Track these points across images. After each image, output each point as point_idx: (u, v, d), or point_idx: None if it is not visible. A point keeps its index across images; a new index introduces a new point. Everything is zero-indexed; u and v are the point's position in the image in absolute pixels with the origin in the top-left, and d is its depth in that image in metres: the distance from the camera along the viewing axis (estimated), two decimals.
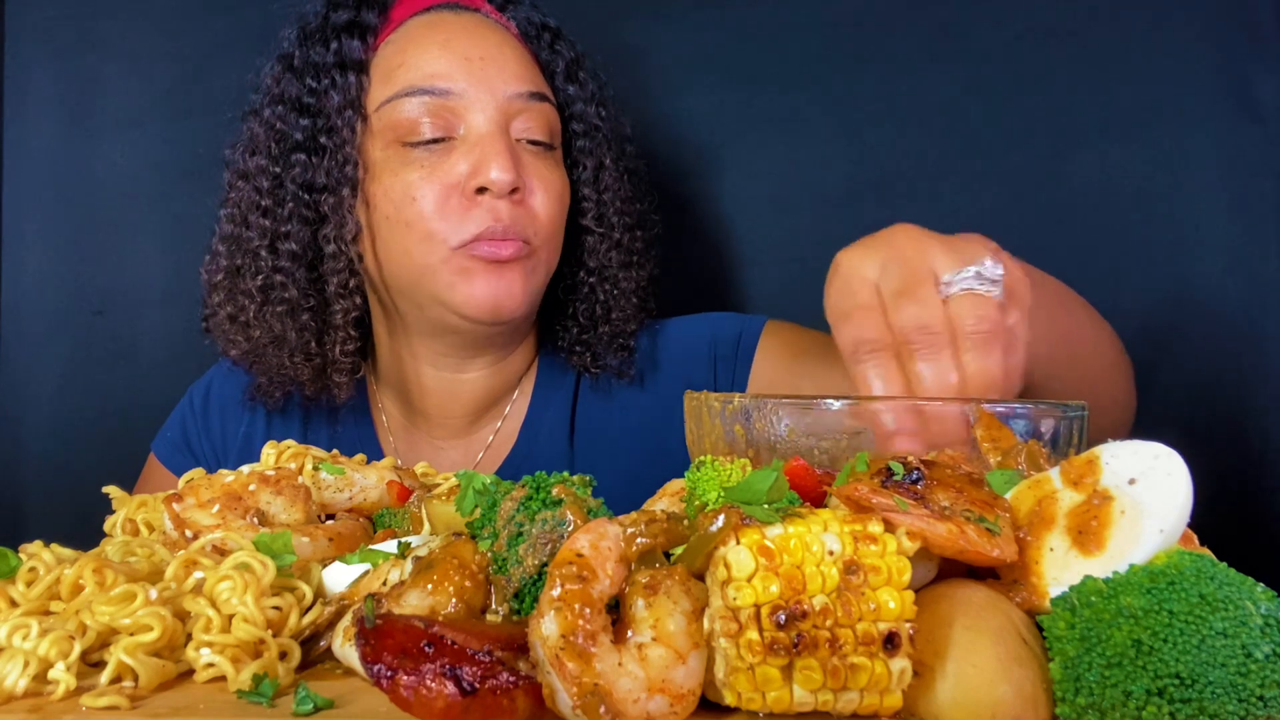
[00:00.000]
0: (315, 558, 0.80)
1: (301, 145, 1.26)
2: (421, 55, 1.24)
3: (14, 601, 0.70)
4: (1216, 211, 1.46)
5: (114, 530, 0.91)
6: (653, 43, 1.63)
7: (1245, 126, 1.45)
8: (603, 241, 1.35)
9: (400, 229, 1.23)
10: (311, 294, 1.28)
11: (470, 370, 1.35)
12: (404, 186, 1.22)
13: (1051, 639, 0.58)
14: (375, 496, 0.94)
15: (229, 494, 0.85)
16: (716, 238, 1.64)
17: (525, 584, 0.64)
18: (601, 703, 0.54)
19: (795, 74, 1.60)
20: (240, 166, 1.31)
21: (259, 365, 1.31)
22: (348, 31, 1.27)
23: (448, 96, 1.22)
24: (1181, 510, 0.61)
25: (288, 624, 0.70)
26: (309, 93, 1.27)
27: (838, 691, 0.56)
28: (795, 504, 0.62)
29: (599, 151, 1.35)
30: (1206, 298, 1.45)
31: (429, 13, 1.29)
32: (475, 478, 0.76)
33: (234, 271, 1.30)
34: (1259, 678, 0.53)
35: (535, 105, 1.27)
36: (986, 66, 1.54)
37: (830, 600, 0.56)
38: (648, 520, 0.61)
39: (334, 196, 1.24)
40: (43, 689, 0.64)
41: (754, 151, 1.63)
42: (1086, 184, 1.50)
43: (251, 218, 1.28)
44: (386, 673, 0.56)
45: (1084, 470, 0.65)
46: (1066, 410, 0.79)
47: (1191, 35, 1.46)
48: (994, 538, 0.62)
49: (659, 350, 1.42)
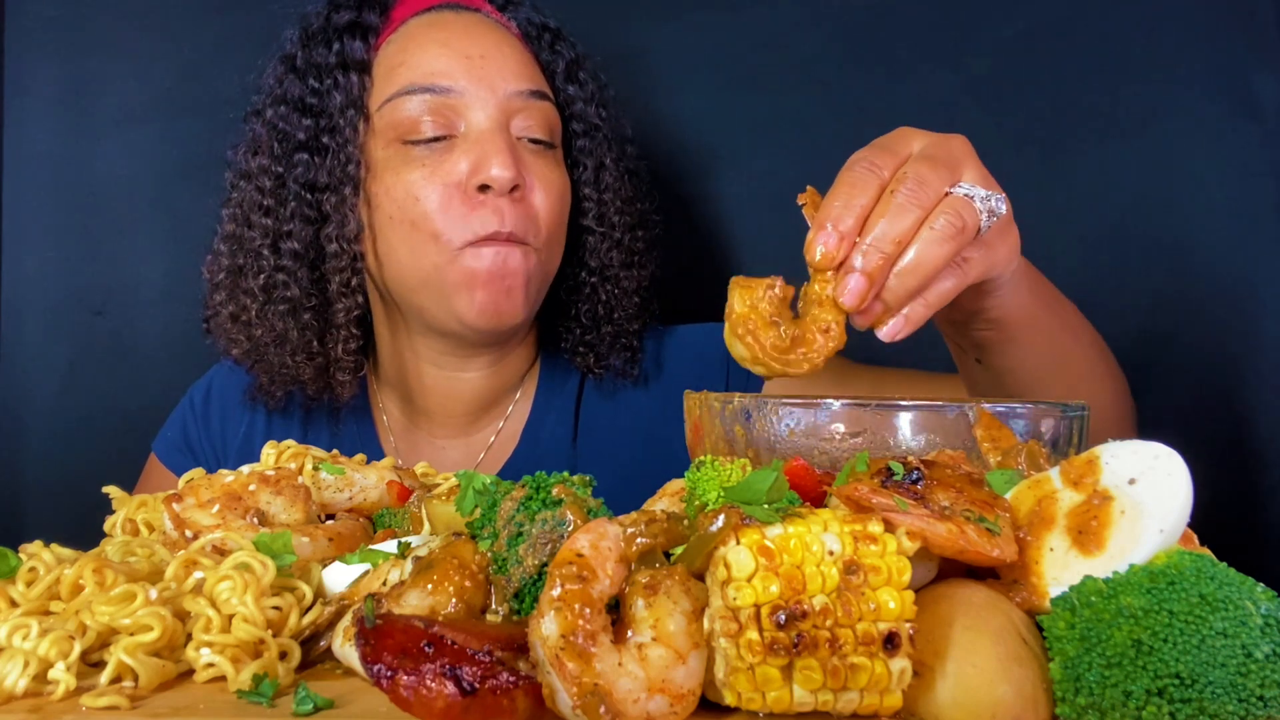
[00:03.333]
0: (315, 558, 0.80)
1: (304, 145, 1.26)
2: (422, 54, 1.25)
3: (14, 601, 0.70)
4: (1216, 211, 1.45)
5: (114, 530, 0.91)
6: (653, 43, 1.63)
7: (1245, 126, 1.44)
8: (604, 241, 1.35)
9: (405, 229, 1.23)
10: (313, 293, 1.28)
11: (471, 369, 1.35)
12: (406, 186, 1.22)
13: (1051, 639, 0.58)
14: (375, 496, 0.94)
15: (229, 494, 0.85)
16: (716, 238, 1.64)
17: (525, 584, 0.64)
18: (601, 703, 0.54)
19: (795, 74, 1.60)
20: (243, 166, 1.31)
21: (261, 364, 1.31)
22: (349, 32, 1.28)
23: (448, 94, 1.23)
24: (1181, 510, 0.61)
25: (288, 624, 0.70)
26: (311, 93, 1.27)
27: (838, 691, 0.56)
28: (795, 504, 0.62)
29: (599, 151, 1.35)
30: (1206, 298, 1.45)
31: (430, 12, 1.30)
32: (475, 478, 0.76)
33: (236, 271, 1.30)
34: (1259, 678, 0.53)
35: (535, 104, 1.27)
36: (986, 66, 1.54)
37: (830, 600, 0.56)
38: (648, 520, 0.61)
39: (336, 195, 1.25)
40: (43, 689, 0.64)
41: (754, 152, 1.62)
42: (1086, 184, 1.50)
43: (254, 217, 1.28)
44: (386, 673, 0.56)
45: (1084, 470, 0.65)
46: (1066, 410, 0.79)
47: (1191, 35, 1.46)
48: (994, 538, 0.62)
49: (669, 355, 1.42)
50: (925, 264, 0.78)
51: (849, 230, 0.77)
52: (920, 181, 0.78)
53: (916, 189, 0.78)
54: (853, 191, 0.79)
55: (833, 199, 0.79)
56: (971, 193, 0.80)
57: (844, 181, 0.80)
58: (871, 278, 0.77)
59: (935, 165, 0.80)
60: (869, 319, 0.79)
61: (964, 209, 0.79)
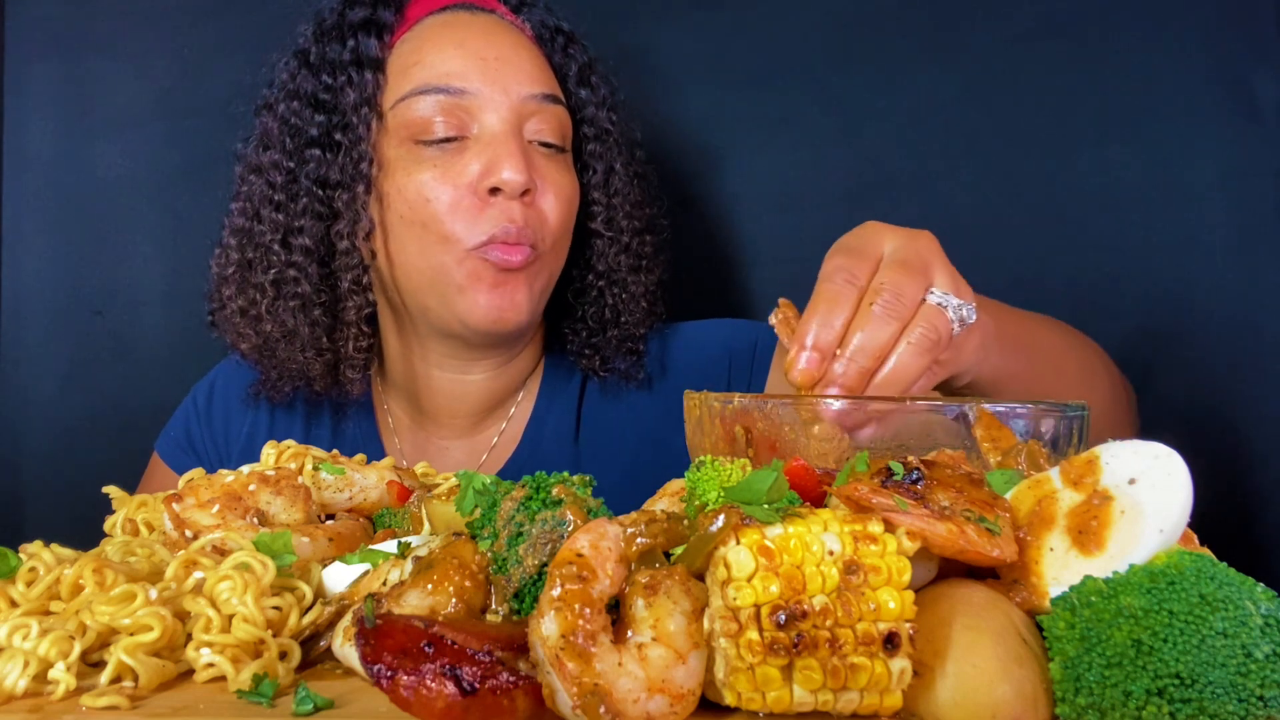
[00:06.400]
0: (315, 558, 0.80)
1: (316, 141, 1.27)
2: (437, 54, 1.25)
3: (14, 601, 0.70)
4: (1216, 211, 1.46)
5: (114, 530, 0.91)
6: (653, 44, 1.63)
7: (1245, 126, 1.44)
8: (612, 245, 1.35)
9: (416, 229, 1.23)
10: (324, 289, 1.28)
11: (476, 371, 1.35)
12: (418, 186, 1.22)
13: (1051, 639, 0.58)
14: (375, 496, 0.94)
15: (229, 494, 0.85)
16: (716, 238, 1.64)
17: (525, 584, 0.64)
18: (601, 703, 0.54)
19: (795, 74, 1.60)
20: (253, 161, 1.31)
21: (269, 359, 1.32)
22: (364, 29, 1.28)
23: (462, 96, 1.23)
24: (1181, 510, 0.61)
25: (288, 624, 0.70)
26: (324, 89, 1.27)
27: (838, 691, 0.56)
28: (795, 504, 0.62)
29: (609, 155, 1.35)
30: (1206, 298, 1.45)
31: (445, 12, 1.30)
32: (475, 477, 0.76)
33: (245, 265, 1.30)
34: (1259, 678, 0.53)
35: (548, 107, 1.27)
36: (986, 66, 1.54)
37: (830, 600, 0.56)
38: (648, 520, 0.61)
39: (348, 193, 1.25)
40: (43, 689, 0.64)
41: (754, 152, 1.63)
42: (1086, 184, 1.50)
43: (264, 212, 1.28)
44: (386, 673, 0.56)
45: (1084, 470, 0.65)
46: (1066, 410, 0.79)
47: (1191, 35, 1.46)
48: (994, 538, 0.62)
49: (670, 354, 1.42)
50: (902, 375, 0.80)
51: (828, 347, 0.80)
52: (897, 293, 0.80)
53: (894, 301, 0.80)
54: (832, 308, 0.81)
55: (811, 316, 0.81)
56: (944, 301, 0.82)
57: (823, 296, 0.82)
58: (851, 391, 0.79)
59: (909, 272, 0.82)
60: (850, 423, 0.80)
61: (938, 320, 0.81)
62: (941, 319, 0.81)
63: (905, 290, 0.81)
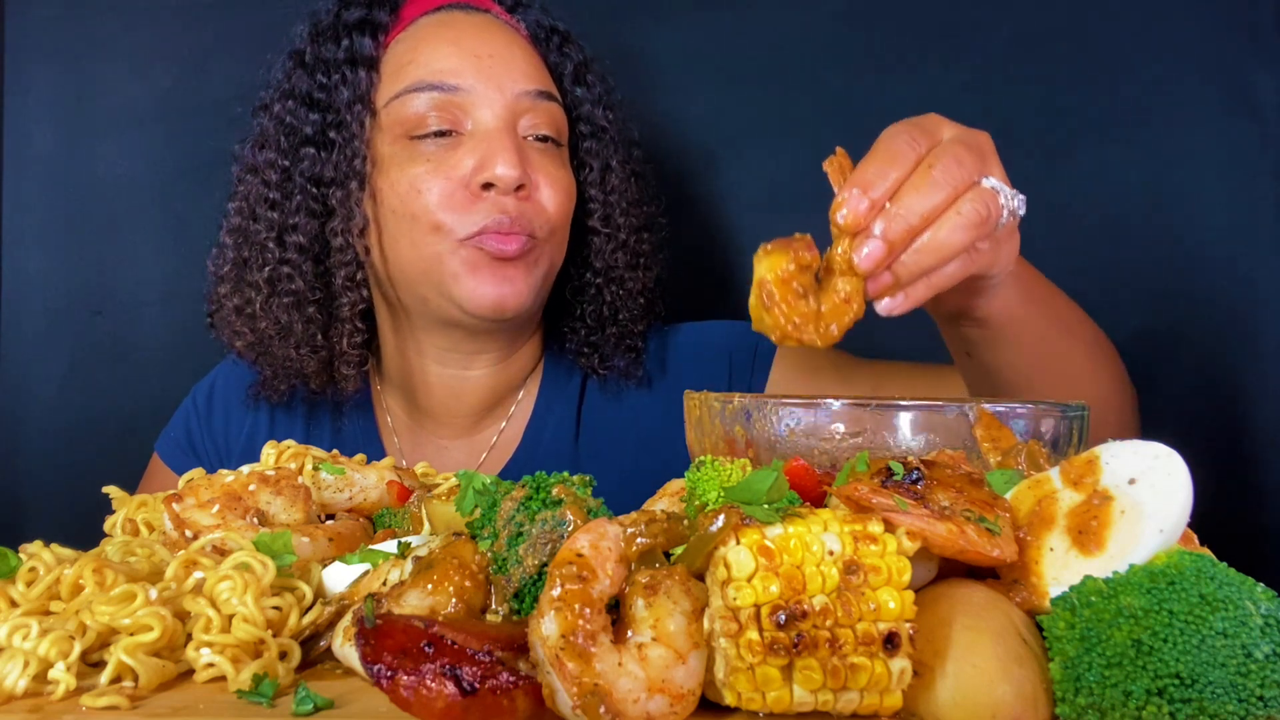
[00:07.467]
0: (315, 558, 0.80)
1: (311, 139, 1.27)
2: (432, 52, 1.25)
3: (14, 601, 0.70)
4: (1216, 211, 1.46)
5: (114, 530, 0.91)
6: (652, 43, 1.63)
7: (1245, 126, 1.44)
8: (609, 242, 1.35)
9: (406, 222, 1.23)
10: (318, 286, 1.29)
11: (475, 368, 1.35)
12: (410, 180, 1.23)
13: (1051, 639, 0.58)
14: (375, 496, 0.94)
15: (229, 494, 0.85)
16: (716, 238, 1.64)
17: (525, 584, 0.64)
18: (601, 703, 0.54)
19: (795, 74, 1.60)
20: (249, 160, 1.32)
21: (265, 357, 1.32)
22: (359, 29, 1.28)
23: (456, 93, 1.23)
24: (1181, 510, 0.61)
25: (288, 624, 0.70)
26: (319, 88, 1.28)
27: (838, 691, 0.56)
28: (795, 504, 0.62)
29: (606, 153, 1.35)
30: (1206, 298, 1.45)
31: (440, 12, 1.30)
32: (475, 477, 0.76)
33: (241, 263, 1.31)
34: (1259, 678, 0.53)
35: (542, 104, 1.27)
36: (986, 66, 1.54)
37: (830, 600, 0.56)
38: (648, 520, 0.61)
39: (342, 190, 1.25)
40: (43, 689, 0.64)
41: (753, 151, 1.62)
42: (1086, 184, 1.50)
43: (259, 210, 1.29)
44: (386, 673, 0.56)
45: (1084, 470, 0.65)
46: (1066, 410, 0.79)
47: (1191, 35, 1.46)
48: (994, 538, 0.62)
49: (671, 354, 1.42)
50: (944, 245, 0.78)
51: (879, 199, 0.77)
52: (958, 162, 0.79)
53: (954, 168, 0.78)
54: (891, 161, 0.78)
55: (868, 165, 0.78)
56: (999, 187, 0.81)
57: (882, 150, 0.79)
58: (891, 246, 0.76)
59: (970, 151, 0.80)
60: (877, 288, 0.78)
61: (990, 200, 0.80)
62: (994, 201, 0.80)
63: (965, 162, 0.79)
